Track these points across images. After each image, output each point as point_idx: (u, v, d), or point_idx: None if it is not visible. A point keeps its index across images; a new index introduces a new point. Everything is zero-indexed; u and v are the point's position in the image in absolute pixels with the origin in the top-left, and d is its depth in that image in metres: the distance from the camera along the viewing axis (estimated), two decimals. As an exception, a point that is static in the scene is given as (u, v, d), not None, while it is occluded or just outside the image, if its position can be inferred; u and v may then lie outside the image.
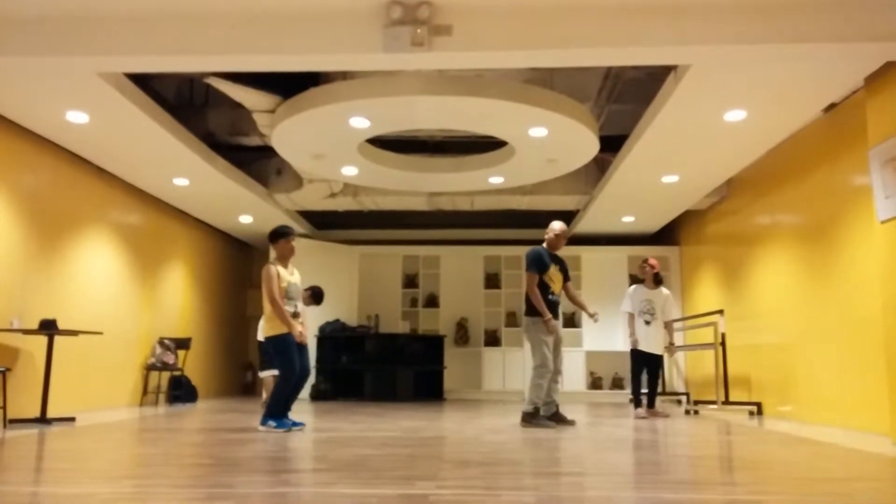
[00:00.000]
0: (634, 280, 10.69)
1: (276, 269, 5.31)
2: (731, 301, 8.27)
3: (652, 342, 7.08)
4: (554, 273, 5.95)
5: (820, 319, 6.08)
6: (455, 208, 9.74)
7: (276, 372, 6.95)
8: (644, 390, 7.14)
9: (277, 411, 5.23)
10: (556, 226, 6.09)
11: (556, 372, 5.86)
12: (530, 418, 5.70)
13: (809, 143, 6.28)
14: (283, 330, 5.21)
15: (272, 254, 5.58)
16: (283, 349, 5.21)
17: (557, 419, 5.76)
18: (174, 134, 6.35)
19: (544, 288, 5.86)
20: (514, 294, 10.75)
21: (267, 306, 5.27)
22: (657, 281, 7.23)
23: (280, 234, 5.43)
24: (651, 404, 7.16)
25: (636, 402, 7.01)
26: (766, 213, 7.27)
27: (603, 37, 4.40)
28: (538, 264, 5.86)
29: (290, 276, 5.41)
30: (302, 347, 5.33)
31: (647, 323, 7.11)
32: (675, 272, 10.51)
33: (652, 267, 7.23)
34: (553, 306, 5.88)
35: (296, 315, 5.34)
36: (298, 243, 5.85)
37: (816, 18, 4.29)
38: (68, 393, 6.75)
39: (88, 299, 7.13)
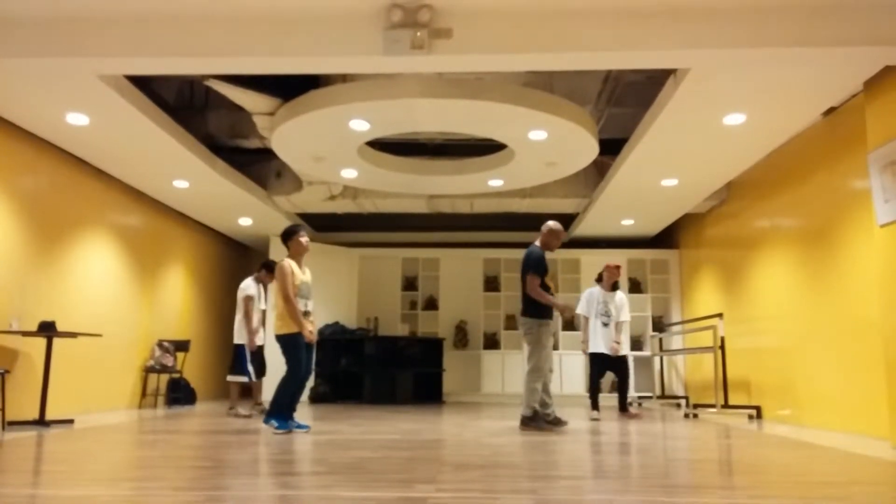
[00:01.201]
0: (632, 283, 10.74)
1: (290, 265, 5.33)
2: (730, 304, 8.27)
3: (612, 343, 7.15)
4: (550, 275, 5.97)
5: (819, 323, 6.08)
6: (455, 211, 9.75)
7: (243, 378, 6.95)
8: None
9: (282, 411, 5.24)
10: (554, 224, 5.98)
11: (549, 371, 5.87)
12: (529, 421, 5.69)
13: (809, 146, 6.28)
14: (294, 329, 5.22)
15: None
16: (293, 348, 5.22)
17: (554, 422, 5.75)
18: (174, 136, 6.35)
19: (545, 289, 5.84)
20: (514, 297, 10.75)
21: (279, 303, 5.27)
22: (615, 287, 7.33)
23: (292, 233, 5.48)
24: (622, 407, 7.15)
25: (592, 405, 7.11)
26: (765, 217, 7.27)
27: (602, 40, 4.41)
28: (540, 266, 5.81)
29: (303, 274, 5.43)
30: (309, 347, 5.35)
31: (605, 325, 7.18)
32: (674, 275, 10.52)
33: (618, 274, 7.35)
34: (550, 310, 5.88)
35: (306, 314, 5.36)
36: None
37: (816, 22, 4.31)
38: (67, 395, 6.75)
39: (87, 301, 7.13)
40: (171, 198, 8.48)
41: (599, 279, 7.45)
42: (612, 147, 7.43)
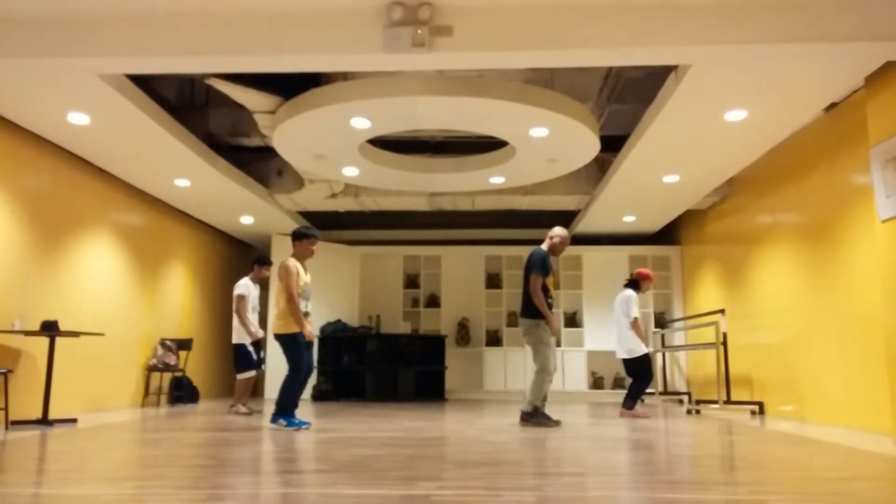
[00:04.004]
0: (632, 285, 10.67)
1: (296, 266, 5.37)
2: (732, 300, 8.26)
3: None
4: (551, 277, 5.99)
5: (821, 318, 6.08)
6: (456, 208, 9.74)
7: (252, 373, 7.01)
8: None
9: (288, 409, 5.32)
10: (563, 232, 6.04)
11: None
12: (529, 417, 5.70)
13: (810, 142, 6.27)
14: (294, 328, 5.29)
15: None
16: (295, 347, 5.29)
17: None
18: (175, 135, 6.35)
19: (544, 291, 5.85)
20: (516, 294, 10.74)
21: (281, 302, 5.32)
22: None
23: (304, 236, 5.51)
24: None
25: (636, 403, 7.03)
26: (767, 213, 7.26)
27: (603, 37, 4.41)
28: (545, 267, 5.84)
29: (305, 276, 5.50)
30: (308, 345, 5.44)
31: None
32: (676, 272, 10.51)
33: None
34: (550, 309, 5.88)
35: (306, 315, 5.44)
36: None
37: (817, 18, 4.30)
38: (70, 394, 6.76)
39: (90, 300, 7.14)
40: (173, 196, 8.49)
41: (635, 285, 7.34)
42: (613, 144, 7.42)
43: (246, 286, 7.06)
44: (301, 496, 2.56)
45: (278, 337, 5.33)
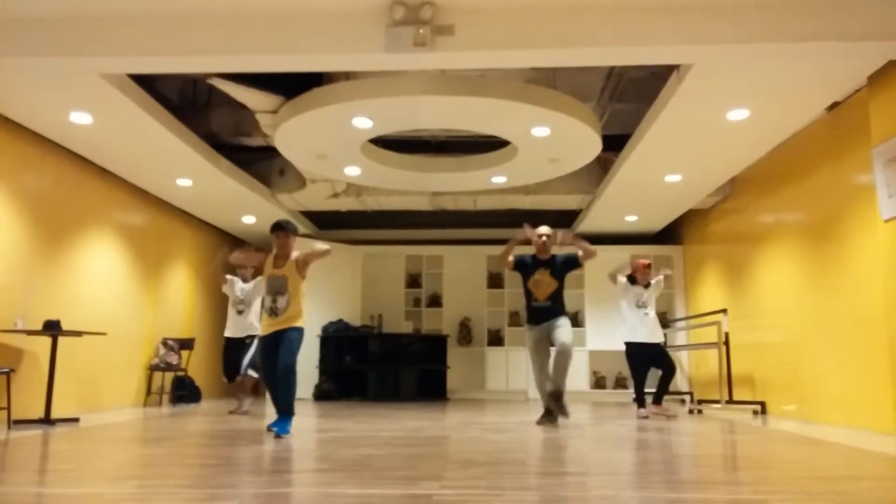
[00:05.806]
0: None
1: (260, 258, 5.14)
2: (734, 300, 8.25)
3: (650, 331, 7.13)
4: (540, 278, 5.83)
5: (824, 318, 6.07)
6: (458, 208, 9.74)
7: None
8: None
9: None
10: (540, 230, 6.03)
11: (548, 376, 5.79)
12: (541, 419, 5.81)
13: (813, 141, 6.26)
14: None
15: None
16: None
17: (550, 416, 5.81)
18: (177, 134, 6.36)
19: (527, 295, 5.92)
20: (517, 294, 10.68)
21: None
22: (647, 285, 7.42)
23: (271, 228, 5.10)
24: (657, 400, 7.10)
25: (640, 401, 7.02)
26: (769, 212, 7.25)
27: (605, 36, 4.40)
28: (516, 266, 6.00)
29: (274, 268, 5.02)
30: (278, 342, 4.93)
31: (647, 315, 7.17)
32: (678, 271, 10.49)
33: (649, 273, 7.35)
34: (536, 312, 5.83)
35: (274, 311, 4.92)
36: (302, 244, 5.62)
37: (819, 17, 4.29)
38: (72, 394, 6.77)
39: (92, 300, 7.14)
40: (175, 196, 8.49)
41: (632, 280, 7.36)
42: (615, 143, 7.41)
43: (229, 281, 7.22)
44: (303, 495, 2.56)
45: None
